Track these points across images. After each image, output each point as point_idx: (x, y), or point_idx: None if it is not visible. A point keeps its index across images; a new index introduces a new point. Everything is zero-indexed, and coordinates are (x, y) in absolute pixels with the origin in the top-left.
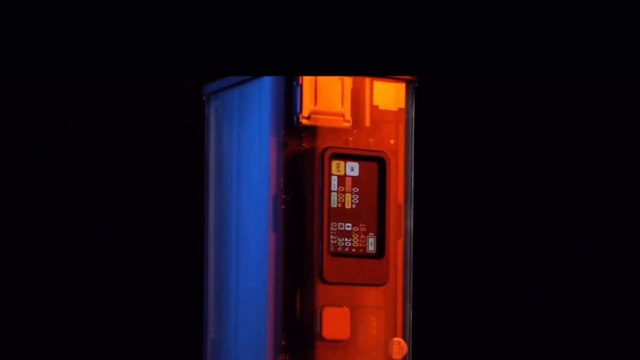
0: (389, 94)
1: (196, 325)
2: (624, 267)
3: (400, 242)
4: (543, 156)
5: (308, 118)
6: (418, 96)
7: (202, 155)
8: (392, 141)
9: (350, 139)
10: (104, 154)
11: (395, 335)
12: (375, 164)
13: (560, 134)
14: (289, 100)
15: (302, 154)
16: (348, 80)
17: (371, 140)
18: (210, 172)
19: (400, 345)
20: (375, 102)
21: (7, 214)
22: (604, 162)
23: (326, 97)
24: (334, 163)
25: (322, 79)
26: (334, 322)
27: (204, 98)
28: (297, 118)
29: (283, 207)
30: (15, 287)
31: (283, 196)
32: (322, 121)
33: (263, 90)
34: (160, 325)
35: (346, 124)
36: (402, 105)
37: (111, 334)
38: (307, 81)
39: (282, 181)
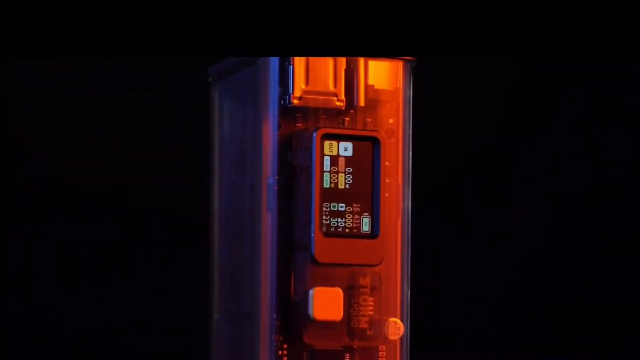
0: (384, 73)
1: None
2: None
3: (399, 222)
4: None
5: (300, 98)
6: (417, 75)
7: (208, 139)
8: (391, 120)
9: (347, 119)
10: (107, 141)
11: (393, 316)
12: (370, 143)
13: (565, 116)
14: (283, 81)
15: (295, 134)
16: (341, 60)
17: (368, 120)
18: (215, 156)
19: (396, 326)
20: (370, 82)
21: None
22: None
23: (319, 77)
24: (327, 143)
25: (314, 59)
26: (325, 303)
27: (210, 80)
28: (289, 98)
29: (277, 187)
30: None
31: (277, 177)
32: (314, 101)
33: (257, 72)
34: (166, 309)
35: (339, 104)
36: (400, 84)
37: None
38: (298, 61)
39: (276, 162)
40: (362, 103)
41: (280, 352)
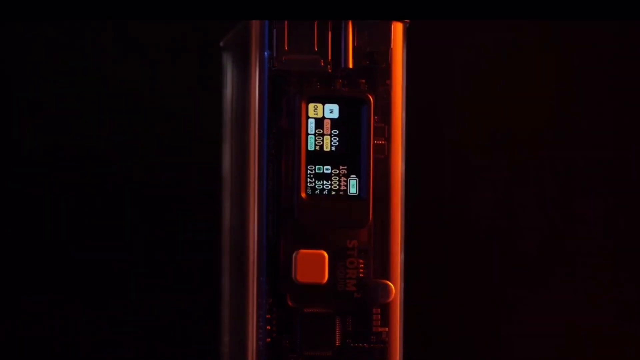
0: (375, 35)
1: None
2: None
3: (392, 183)
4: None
5: (284, 62)
6: (410, 36)
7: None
8: (387, 81)
9: (340, 81)
10: (118, 108)
11: (384, 279)
12: (356, 105)
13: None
14: (271, 45)
15: (283, 98)
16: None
17: (362, 82)
18: (226, 121)
19: (387, 288)
20: (358, 44)
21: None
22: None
23: (304, 39)
24: (311, 106)
25: (300, 22)
26: (309, 266)
27: (221, 46)
28: (273, 62)
29: (266, 151)
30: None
31: (266, 141)
32: (299, 64)
33: (248, 35)
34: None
35: (326, 66)
36: (390, 45)
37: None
38: (282, 24)
39: (265, 126)
40: (350, 65)
41: (269, 315)
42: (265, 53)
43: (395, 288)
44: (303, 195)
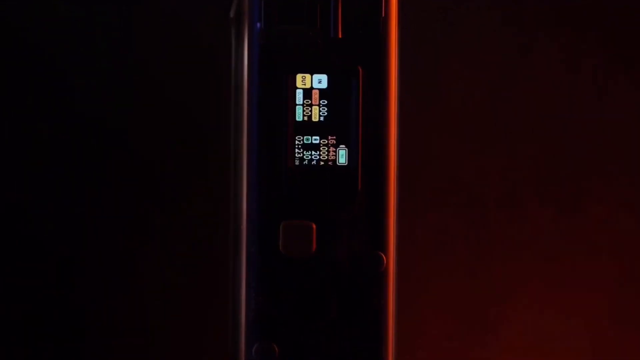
0: (365, 3)
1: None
2: None
3: (386, 152)
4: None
5: (274, 33)
6: (402, 4)
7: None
8: (379, 50)
9: (333, 54)
10: (123, 80)
11: (376, 248)
12: (346, 75)
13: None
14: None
15: (270, 69)
16: None
17: (349, 51)
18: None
19: (377, 258)
20: (349, 12)
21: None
22: None
23: (293, 9)
24: (299, 76)
25: None
26: (294, 237)
27: (231, 16)
28: (263, 33)
29: (257, 123)
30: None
31: (256, 111)
32: (288, 35)
33: (242, 7)
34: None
35: (315, 36)
36: (382, 14)
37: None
38: None
39: (255, 97)
40: (340, 35)
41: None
42: (257, 25)
43: (388, 258)
44: (289, 167)
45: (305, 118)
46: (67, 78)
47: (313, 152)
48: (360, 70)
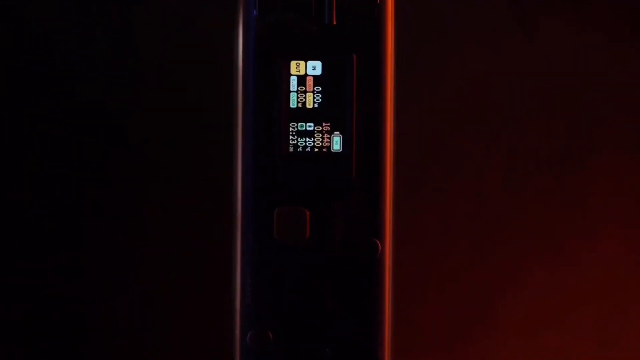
0: None
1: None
2: None
3: (382, 139)
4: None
5: (268, 19)
6: None
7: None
8: (374, 37)
9: (327, 40)
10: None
11: (371, 235)
12: (339, 61)
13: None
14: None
15: (265, 56)
16: None
17: (343, 38)
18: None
19: (372, 245)
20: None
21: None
22: None
23: None
24: (293, 63)
25: None
26: (288, 224)
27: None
28: (258, 20)
29: (251, 110)
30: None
31: (253, 99)
32: (283, 22)
33: None
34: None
35: (309, 23)
36: (378, 0)
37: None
38: None
39: (251, 85)
40: (335, 21)
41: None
42: (253, 12)
43: (383, 245)
44: (283, 154)
45: (300, 105)
46: (68, 78)
47: (307, 139)
48: (355, 57)
